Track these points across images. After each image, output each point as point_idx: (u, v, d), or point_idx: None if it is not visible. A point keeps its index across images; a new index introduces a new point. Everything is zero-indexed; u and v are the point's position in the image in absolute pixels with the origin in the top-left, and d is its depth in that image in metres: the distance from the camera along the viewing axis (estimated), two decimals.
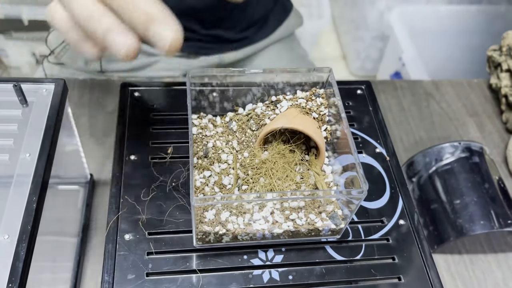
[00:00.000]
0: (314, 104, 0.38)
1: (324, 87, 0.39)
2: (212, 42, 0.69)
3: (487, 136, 0.67)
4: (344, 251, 0.36)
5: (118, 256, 0.34)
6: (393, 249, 0.36)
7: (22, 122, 0.39)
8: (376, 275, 0.35)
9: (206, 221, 0.33)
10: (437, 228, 0.55)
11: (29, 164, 0.37)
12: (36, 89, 0.42)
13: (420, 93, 0.72)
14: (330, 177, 0.38)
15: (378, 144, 0.43)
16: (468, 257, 0.56)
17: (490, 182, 0.56)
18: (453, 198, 0.55)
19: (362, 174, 0.33)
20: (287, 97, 0.39)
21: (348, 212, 0.35)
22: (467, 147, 0.58)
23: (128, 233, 0.35)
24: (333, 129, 0.38)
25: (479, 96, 0.72)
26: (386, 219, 0.38)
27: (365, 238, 0.37)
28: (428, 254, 0.36)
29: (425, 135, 0.67)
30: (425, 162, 0.59)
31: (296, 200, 0.34)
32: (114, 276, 0.33)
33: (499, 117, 0.69)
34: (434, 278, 0.35)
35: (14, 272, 0.32)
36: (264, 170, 0.36)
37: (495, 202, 0.54)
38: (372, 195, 0.39)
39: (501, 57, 0.68)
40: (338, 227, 0.35)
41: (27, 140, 0.38)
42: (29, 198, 0.35)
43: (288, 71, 0.38)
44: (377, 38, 1.42)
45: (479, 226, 0.52)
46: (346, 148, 0.36)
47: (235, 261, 0.34)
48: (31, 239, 0.34)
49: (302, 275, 0.34)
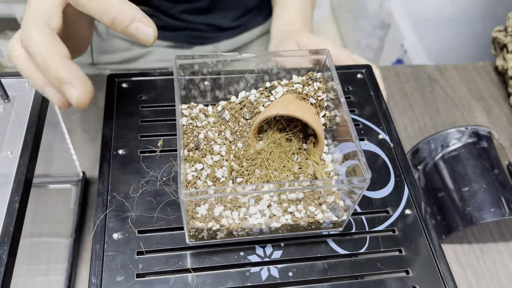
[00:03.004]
0: (311, 89, 0.36)
1: (321, 71, 0.37)
2: (206, 31, 0.66)
3: (495, 120, 0.64)
4: (347, 245, 0.34)
5: (106, 257, 0.32)
6: (400, 241, 0.34)
7: (4, 118, 0.37)
8: (382, 268, 0.33)
9: (198, 217, 0.31)
10: (445, 218, 0.53)
11: (11, 162, 0.35)
12: (18, 83, 0.40)
13: (424, 79, 0.69)
14: (330, 166, 0.35)
15: (381, 131, 0.40)
16: (478, 247, 0.54)
17: (499, 168, 0.53)
18: (461, 185, 0.53)
19: (364, 161, 0.30)
20: (282, 83, 0.37)
21: (350, 203, 0.33)
22: (475, 132, 0.55)
23: (116, 232, 0.33)
24: (332, 115, 0.36)
25: (485, 79, 0.70)
26: (391, 209, 0.36)
27: (370, 230, 0.35)
28: (437, 245, 0.34)
29: (430, 122, 0.64)
30: (431, 149, 0.56)
31: (294, 192, 0.32)
32: (102, 278, 0.31)
33: (507, 100, 0.67)
34: (444, 271, 0.33)
35: None
36: (259, 161, 0.34)
37: (506, 188, 0.52)
38: (375, 184, 0.37)
39: (507, 37, 0.65)
40: (340, 219, 0.33)
41: (9, 137, 0.36)
42: (11, 198, 0.33)
43: (283, 54, 0.36)
44: (377, 26, 1.40)
45: (489, 214, 0.50)
46: (347, 135, 0.33)
47: (231, 258, 0.32)
48: (13, 242, 0.32)
49: (303, 271, 0.32)
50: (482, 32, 1.15)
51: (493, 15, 1.20)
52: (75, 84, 0.30)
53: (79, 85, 0.30)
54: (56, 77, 0.30)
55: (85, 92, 0.30)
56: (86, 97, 0.31)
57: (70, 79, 0.30)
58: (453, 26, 1.26)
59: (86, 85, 0.31)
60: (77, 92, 0.30)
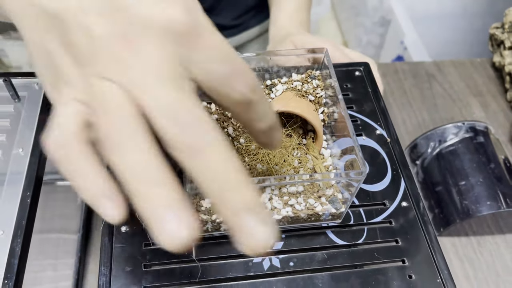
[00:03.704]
0: (310, 86, 0.37)
1: (320, 69, 0.38)
2: None
3: (492, 116, 0.66)
4: (346, 236, 0.35)
5: (115, 249, 0.33)
6: (396, 232, 0.36)
7: (15, 117, 0.39)
8: (379, 258, 0.34)
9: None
10: (442, 211, 0.54)
11: (23, 159, 0.37)
12: (27, 83, 0.41)
13: (422, 75, 0.71)
14: (329, 160, 0.37)
15: (379, 126, 0.42)
16: (476, 239, 0.55)
17: (496, 162, 0.55)
18: (458, 179, 0.54)
19: (361, 156, 0.32)
20: (282, 81, 0.38)
21: (348, 196, 0.34)
22: (471, 127, 0.56)
23: (124, 225, 0.34)
24: (330, 111, 0.37)
25: (482, 75, 0.71)
26: (388, 201, 0.37)
27: (367, 222, 0.36)
28: (432, 235, 0.35)
29: (428, 117, 0.65)
30: (429, 144, 0.57)
31: (294, 185, 0.33)
32: (111, 268, 0.32)
33: (504, 95, 0.68)
34: (439, 260, 0.34)
35: (9, 269, 0.32)
36: (261, 156, 0.35)
37: (502, 182, 0.53)
38: (373, 178, 0.38)
39: (504, 34, 0.66)
40: (339, 211, 0.34)
41: (20, 135, 0.38)
42: (23, 193, 0.35)
43: (283, 53, 0.37)
44: (377, 23, 1.40)
45: (485, 207, 0.51)
46: (345, 131, 0.35)
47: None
48: (26, 235, 0.33)
49: (303, 261, 0.34)
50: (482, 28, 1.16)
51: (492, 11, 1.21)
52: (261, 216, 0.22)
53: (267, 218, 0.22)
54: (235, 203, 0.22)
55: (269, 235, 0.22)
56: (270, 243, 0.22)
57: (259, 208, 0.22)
58: (453, 22, 1.27)
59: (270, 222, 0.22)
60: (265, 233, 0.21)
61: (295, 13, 0.63)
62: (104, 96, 0.22)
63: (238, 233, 0.21)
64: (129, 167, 0.21)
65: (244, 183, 0.21)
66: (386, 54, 1.34)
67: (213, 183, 0.21)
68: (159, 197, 0.21)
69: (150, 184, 0.21)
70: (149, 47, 0.22)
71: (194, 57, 0.23)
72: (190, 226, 0.21)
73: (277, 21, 0.64)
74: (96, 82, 0.22)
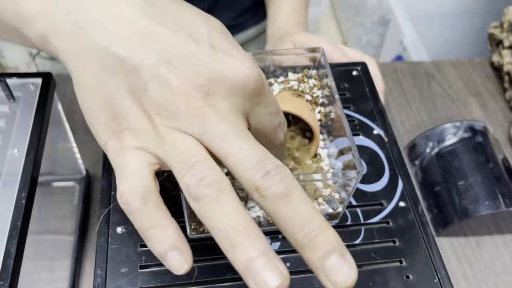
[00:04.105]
0: (307, 86, 0.37)
1: (316, 68, 0.38)
2: None
3: (491, 115, 0.65)
4: (343, 236, 0.35)
5: (111, 250, 0.33)
6: (394, 232, 0.35)
7: (10, 118, 0.39)
8: (377, 259, 0.34)
9: None
10: (441, 211, 0.54)
11: (18, 160, 0.36)
12: (23, 83, 0.41)
13: (421, 75, 0.70)
14: (326, 160, 0.36)
15: (376, 126, 0.41)
16: (474, 239, 0.55)
17: (494, 162, 0.54)
18: (456, 179, 0.54)
19: (357, 155, 0.32)
20: (278, 80, 0.38)
21: (345, 196, 0.34)
22: (470, 127, 0.56)
23: (120, 226, 0.34)
24: (327, 111, 0.37)
25: (481, 75, 0.71)
26: (385, 202, 0.37)
27: (365, 222, 0.36)
28: (430, 235, 0.35)
29: (427, 117, 0.65)
30: (427, 144, 0.57)
31: None
32: (107, 270, 0.32)
33: (502, 95, 0.68)
34: (437, 260, 0.34)
35: (5, 270, 0.31)
36: None
37: (500, 182, 0.53)
38: (370, 178, 0.38)
39: (503, 33, 0.66)
40: (336, 211, 0.34)
41: (15, 135, 0.38)
42: (18, 194, 0.35)
43: (279, 53, 0.37)
44: (377, 23, 1.40)
45: (484, 207, 0.51)
46: (342, 131, 0.34)
47: None
48: (21, 236, 0.33)
49: (300, 262, 0.33)
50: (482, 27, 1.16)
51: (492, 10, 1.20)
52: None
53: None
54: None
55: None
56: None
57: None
58: (452, 21, 1.27)
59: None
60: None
61: (293, 13, 0.63)
62: (183, 149, 0.23)
63: (325, 275, 0.22)
64: (221, 218, 0.22)
65: (325, 223, 0.23)
66: (386, 53, 1.34)
67: (301, 228, 0.22)
68: (254, 247, 0.22)
69: (241, 234, 0.22)
70: (225, 103, 0.23)
71: (256, 110, 0.25)
72: (282, 274, 0.22)
73: (275, 21, 0.64)
74: (170, 134, 0.23)
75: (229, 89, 0.23)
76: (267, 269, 0.21)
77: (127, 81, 0.23)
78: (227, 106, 0.23)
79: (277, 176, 0.22)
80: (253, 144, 0.23)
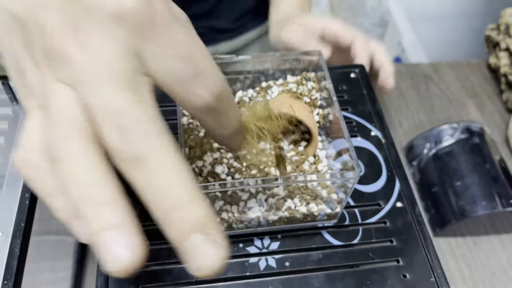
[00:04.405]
0: (305, 88, 0.37)
1: (314, 71, 0.38)
2: (206, 34, 0.68)
3: (488, 117, 0.66)
4: (341, 236, 0.36)
5: None
6: (391, 232, 0.36)
7: (13, 120, 0.39)
8: (374, 258, 0.35)
9: None
10: (438, 211, 0.55)
11: None
12: None
13: (419, 76, 0.71)
14: (324, 161, 0.37)
15: (374, 127, 0.42)
16: (472, 239, 0.55)
17: (491, 163, 0.55)
18: (454, 180, 0.54)
19: (355, 156, 0.32)
20: (277, 83, 0.38)
21: (343, 196, 0.34)
22: (467, 128, 0.57)
23: None
24: (325, 113, 0.38)
25: (478, 76, 0.71)
26: (383, 202, 0.37)
27: (362, 222, 0.36)
28: (427, 235, 0.36)
29: (425, 118, 0.66)
30: (425, 145, 0.58)
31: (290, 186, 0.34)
32: None
33: (499, 97, 0.68)
34: (433, 259, 0.34)
35: (9, 270, 0.32)
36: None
37: (497, 182, 0.53)
38: (368, 179, 0.39)
39: (499, 36, 0.67)
40: (334, 211, 0.34)
41: (18, 137, 0.38)
42: (22, 195, 0.35)
43: (278, 56, 0.38)
44: (376, 24, 1.41)
45: (481, 207, 0.52)
46: (340, 132, 0.35)
47: (231, 250, 0.34)
48: (25, 236, 0.34)
49: (299, 261, 0.34)
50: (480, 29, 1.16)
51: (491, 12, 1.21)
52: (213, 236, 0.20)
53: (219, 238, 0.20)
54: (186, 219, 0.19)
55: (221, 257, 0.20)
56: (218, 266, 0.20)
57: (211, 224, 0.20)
58: (451, 23, 1.27)
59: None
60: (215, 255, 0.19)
61: (296, 1, 0.64)
62: (55, 102, 0.20)
63: (186, 256, 0.19)
64: (71, 184, 0.19)
65: (193, 198, 0.19)
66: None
67: (160, 201, 0.19)
68: (102, 218, 0.19)
69: (91, 204, 0.19)
70: (100, 40, 0.19)
71: (149, 50, 0.20)
72: (135, 249, 0.19)
73: (279, 7, 0.64)
74: (51, 86, 0.20)
75: (105, 24, 0.19)
76: (119, 242, 0.19)
77: (20, 36, 0.21)
78: (103, 46, 0.19)
79: (134, 135, 0.18)
80: (121, 90, 0.19)
